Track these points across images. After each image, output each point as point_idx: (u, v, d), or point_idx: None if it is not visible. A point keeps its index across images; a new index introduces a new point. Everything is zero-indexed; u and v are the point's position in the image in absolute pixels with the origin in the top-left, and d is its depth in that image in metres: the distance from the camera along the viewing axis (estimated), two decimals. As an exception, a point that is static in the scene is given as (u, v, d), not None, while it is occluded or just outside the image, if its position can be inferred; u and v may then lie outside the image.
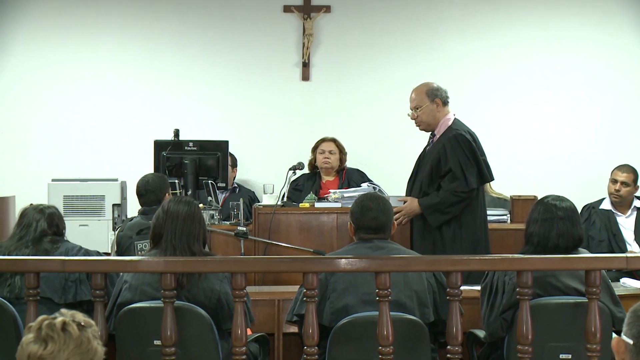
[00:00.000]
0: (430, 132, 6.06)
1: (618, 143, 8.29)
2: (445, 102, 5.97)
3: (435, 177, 5.83)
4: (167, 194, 5.81)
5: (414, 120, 6.04)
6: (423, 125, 6.02)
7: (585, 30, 8.39)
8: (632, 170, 6.99)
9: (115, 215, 7.08)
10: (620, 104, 8.37)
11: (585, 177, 8.11)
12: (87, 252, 4.87)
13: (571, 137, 8.37)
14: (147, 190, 5.83)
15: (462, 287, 4.12)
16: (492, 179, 5.98)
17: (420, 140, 6.85)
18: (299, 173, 7.27)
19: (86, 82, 8.45)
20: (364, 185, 6.54)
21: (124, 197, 7.25)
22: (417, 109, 5.96)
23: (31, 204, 4.97)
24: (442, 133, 5.91)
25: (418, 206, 5.83)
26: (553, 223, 4.42)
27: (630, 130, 8.35)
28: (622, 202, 6.96)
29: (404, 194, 6.13)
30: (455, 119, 5.96)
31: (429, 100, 5.93)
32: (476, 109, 8.01)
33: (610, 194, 6.98)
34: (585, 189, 7.71)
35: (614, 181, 6.97)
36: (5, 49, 8.44)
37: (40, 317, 2.68)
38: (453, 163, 5.76)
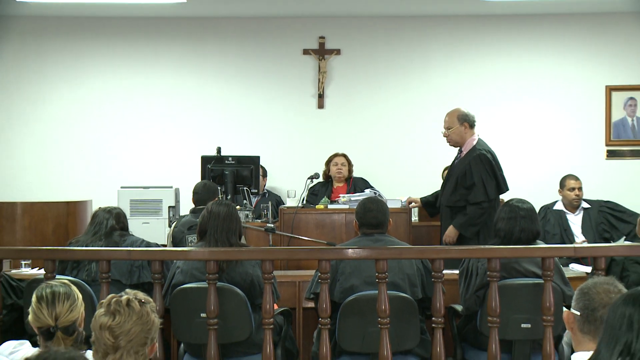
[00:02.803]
0: (458, 148, 6.02)
1: (563, 156, 8.23)
2: (472, 125, 5.93)
3: (459, 186, 5.79)
4: (215, 198, 5.83)
5: (445, 137, 6.01)
6: (452, 142, 6.00)
7: (543, 62, 8.36)
8: (578, 177, 7.02)
9: (171, 215, 7.10)
10: (569, 126, 8.33)
11: (541, 184, 8.03)
12: (148, 244, 4.89)
13: (530, 151, 8.31)
14: (203, 192, 5.87)
15: (445, 271, 4.14)
16: (507, 190, 5.90)
17: (414, 155, 6.81)
18: (315, 181, 7.28)
19: (148, 107, 8.45)
20: (367, 190, 6.54)
21: (177, 200, 7.27)
22: (449, 129, 5.95)
23: (99, 207, 5.00)
24: (468, 150, 5.87)
25: (454, 228, 5.76)
26: (516, 221, 4.42)
27: (572, 146, 8.29)
28: (580, 202, 6.93)
29: (412, 198, 6.25)
30: (479, 139, 5.93)
31: (459, 122, 5.90)
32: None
33: (572, 200, 6.92)
34: (541, 193, 7.64)
35: (572, 189, 6.95)
36: (84, 81, 8.45)
37: (110, 295, 2.71)
38: (476, 178, 5.73)
